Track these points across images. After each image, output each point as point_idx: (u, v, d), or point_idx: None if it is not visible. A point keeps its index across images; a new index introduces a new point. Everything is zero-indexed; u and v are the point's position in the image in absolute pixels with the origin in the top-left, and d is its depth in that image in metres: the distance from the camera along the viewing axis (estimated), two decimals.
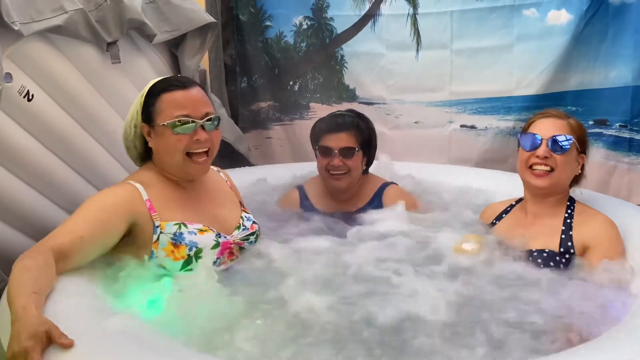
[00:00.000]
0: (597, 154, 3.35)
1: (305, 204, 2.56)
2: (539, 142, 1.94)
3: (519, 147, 2.03)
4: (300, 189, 2.62)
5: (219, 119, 1.83)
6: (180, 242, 1.72)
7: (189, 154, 1.77)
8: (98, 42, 2.33)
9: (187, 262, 1.73)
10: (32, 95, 2.06)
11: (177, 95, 1.76)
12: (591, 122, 3.35)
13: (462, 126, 3.59)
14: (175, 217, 1.76)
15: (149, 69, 2.77)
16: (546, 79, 3.34)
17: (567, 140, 1.92)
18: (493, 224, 2.20)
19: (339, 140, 2.40)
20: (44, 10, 2.03)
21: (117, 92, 2.48)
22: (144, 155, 1.88)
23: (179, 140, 1.74)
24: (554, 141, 1.92)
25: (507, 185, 2.57)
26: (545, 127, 1.96)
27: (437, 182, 2.92)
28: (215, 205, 1.94)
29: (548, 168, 1.93)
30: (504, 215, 2.20)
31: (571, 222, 1.95)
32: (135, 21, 2.41)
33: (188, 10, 2.78)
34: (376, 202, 2.52)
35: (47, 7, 2.05)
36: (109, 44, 2.38)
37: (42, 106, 2.12)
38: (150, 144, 1.80)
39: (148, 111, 1.77)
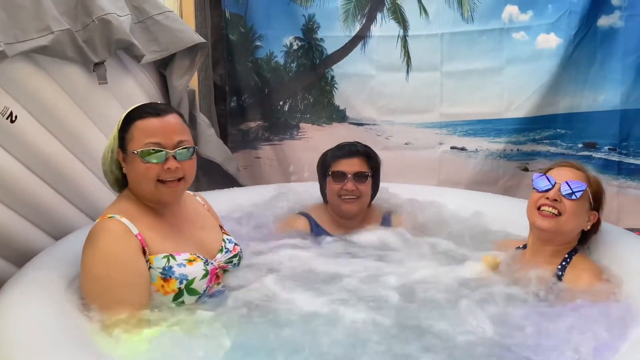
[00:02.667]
0: None
1: (316, 231, 2.55)
2: (552, 184, 1.91)
3: (533, 188, 1.99)
4: (307, 216, 2.60)
5: (194, 148, 1.79)
6: (170, 276, 1.69)
7: (160, 181, 1.73)
8: (85, 63, 2.30)
9: (178, 295, 1.70)
10: (16, 117, 2.01)
11: (150, 122, 1.73)
12: (580, 145, 3.37)
13: (452, 148, 3.58)
14: (162, 249, 1.72)
15: (136, 89, 2.74)
16: (536, 102, 3.35)
17: (580, 186, 1.89)
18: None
19: (353, 165, 2.47)
20: (29, 31, 1.99)
21: (104, 113, 2.44)
22: (122, 181, 1.84)
23: (148, 169, 1.70)
24: (567, 186, 1.89)
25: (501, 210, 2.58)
26: (562, 173, 1.94)
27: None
28: (197, 229, 1.91)
29: (556, 211, 1.89)
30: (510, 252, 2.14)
31: (561, 276, 1.90)
32: (123, 41, 2.38)
33: (177, 30, 2.75)
34: (386, 225, 2.58)
35: (32, 27, 2.01)
36: (96, 65, 2.34)
37: (26, 127, 2.07)
38: (124, 170, 1.77)
39: (123, 137, 1.75)
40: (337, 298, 1.75)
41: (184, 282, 1.70)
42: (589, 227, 1.97)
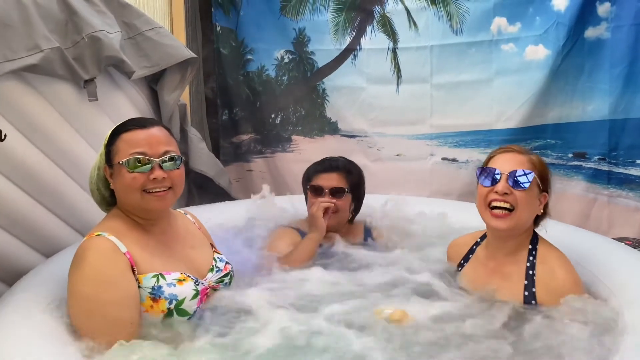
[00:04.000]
0: (577, 186, 3.39)
1: None
2: (498, 177, 1.83)
3: (478, 182, 1.92)
4: (298, 230, 2.59)
5: (181, 158, 1.79)
6: (160, 296, 1.66)
7: (146, 191, 1.72)
8: (75, 80, 2.30)
9: (168, 315, 1.67)
10: (5, 135, 2.01)
11: (135, 134, 1.73)
12: (570, 155, 3.39)
13: (443, 159, 3.60)
14: (151, 268, 1.70)
15: (127, 105, 2.75)
16: (525, 113, 3.37)
17: (527, 174, 1.81)
18: (460, 264, 2.10)
19: (331, 180, 2.48)
20: (18, 50, 2.00)
21: (95, 130, 2.44)
22: (109, 199, 1.83)
23: (134, 179, 1.69)
24: (514, 176, 1.81)
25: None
26: (506, 162, 1.85)
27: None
28: (187, 247, 1.89)
29: (508, 206, 1.81)
30: (470, 255, 2.09)
31: (533, 276, 1.85)
32: (113, 58, 2.39)
33: (167, 45, 2.75)
34: (369, 240, 2.60)
35: (21, 46, 2.01)
36: (86, 82, 2.34)
37: (16, 146, 2.07)
38: (112, 186, 1.76)
39: (109, 151, 1.75)
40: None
41: (174, 302, 1.67)
42: (542, 211, 1.90)
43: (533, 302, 1.82)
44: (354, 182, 2.53)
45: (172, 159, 1.75)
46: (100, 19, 2.39)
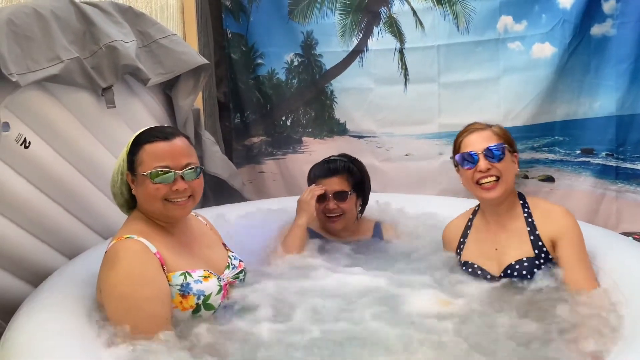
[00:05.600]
0: (585, 182, 3.41)
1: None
2: (476, 157, 2.04)
3: (456, 167, 2.16)
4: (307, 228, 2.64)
5: (201, 168, 1.87)
6: (189, 293, 1.75)
7: (168, 200, 1.80)
8: (93, 88, 2.39)
9: (196, 311, 1.76)
10: (29, 143, 2.10)
11: (159, 146, 1.79)
12: (578, 152, 3.42)
13: (452, 158, 3.62)
14: (178, 266, 1.78)
15: (143, 111, 2.83)
16: (533, 111, 3.40)
17: (499, 146, 2.04)
18: (461, 242, 2.25)
19: (332, 184, 2.52)
20: (40, 60, 2.09)
21: (113, 136, 2.53)
22: (130, 202, 1.91)
23: (158, 190, 1.77)
24: (490, 152, 2.03)
25: None
26: (476, 142, 2.07)
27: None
28: (204, 247, 1.98)
29: (494, 178, 2.03)
30: (468, 231, 2.25)
31: (533, 222, 2.07)
32: (129, 66, 2.47)
33: (180, 52, 2.83)
34: (377, 237, 2.65)
35: (43, 57, 2.10)
36: (104, 89, 2.43)
37: (39, 153, 2.17)
38: (134, 191, 1.84)
39: (132, 160, 1.82)
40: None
41: (202, 297, 1.76)
42: (518, 169, 2.13)
43: (540, 243, 2.02)
44: (356, 181, 2.57)
45: (193, 169, 1.82)
46: (116, 28, 2.47)
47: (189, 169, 1.81)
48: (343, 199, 2.51)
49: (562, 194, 3.45)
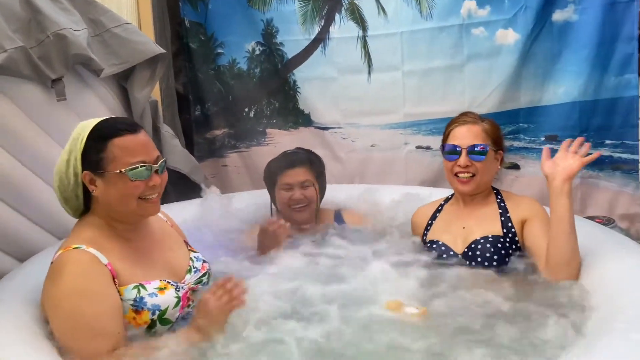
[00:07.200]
0: None
1: None
2: (459, 152, 2.10)
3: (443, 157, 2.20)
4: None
5: (165, 160, 1.76)
6: (142, 308, 1.62)
7: (142, 198, 1.68)
8: (42, 80, 2.26)
9: (151, 327, 1.63)
10: None
11: (129, 140, 1.65)
12: (543, 138, 3.43)
13: (417, 147, 3.60)
14: (132, 278, 1.65)
15: (97, 103, 2.71)
16: (498, 98, 3.39)
17: (483, 148, 2.09)
18: (429, 224, 2.29)
19: (297, 175, 2.55)
20: None
21: (65, 130, 2.35)
22: (83, 206, 1.74)
23: (136, 187, 1.65)
24: (472, 150, 2.09)
25: None
26: (463, 136, 2.12)
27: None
28: (165, 250, 1.84)
29: (470, 174, 2.11)
30: (437, 214, 2.30)
31: (505, 206, 2.15)
32: (80, 56, 2.34)
33: (135, 42, 2.71)
34: (341, 224, 2.66)
35: None
36: (53, 81, 2.30)
37: None
38: (95, 193, 1.67)
39: (97, 158, 1.64)
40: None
41: (157, 312, 1.63)
42: (499, 168, 2.20)
43: (510, 224, 2.09)
44: (318, 171, 2.64)
45: (164, 162, 1.72)
46: (65, 16, 2.34)
47: (162, 162, 1.71)
48: (309, 188, 2.56)
49: (528, 180, 3.46)
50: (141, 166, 1.65)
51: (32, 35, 2.20)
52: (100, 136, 1.66)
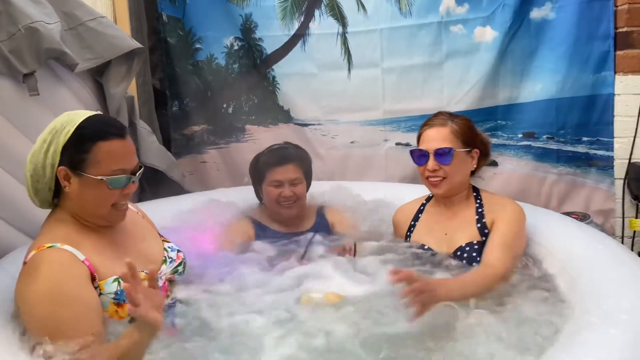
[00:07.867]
0: (526, 166, 3.46)
1: (262, 234, 2.57)
2: (426, 156, 2.11)
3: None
4: (252, 219, 2.63)
5: (143, 168, 1.72)
6: (124, 300, 1.57)
7: (114, 206, 1.65)
8: (12, 74, 2.20)
9: (133, 319, 1.56)
10: None
11: (116, 145, 1.61)
12: (520, 135, 3.45)
13: (397, 144, 3.60)
14: (111, 271, 1.61)
15: (72, 99, 2.64)
16: (476, 95, 3.40)
17: (448, 152, 2.09)
18: (412, 225, 2.29)
19: (287, 172, 2.53)
20: None
21: (38, 126, 2.30)
22: (53, 199, 1.70)
23: (112, 195, 1.62)
24: (438, 155, 2.09)
25: None
26: (431, 140, 2.12)
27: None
28: (139, 241, 1.81)
29: (440, 178, 2.11)
30: (420, 215, 2.30)
31: (482, 211, 2.14)
32: (53, 50, 2.29)
33: (111, 36, 2.66)
34: (322, 221, 2.67)
35: None
36: (25, 76, 2.24)
37: None
38: (67, 190, 1.62)
39: (76, 156, 1.60)
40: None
41: None
42: (475, 166, 2.18)
43: (486, 230, 2.08)
44: (307, 167, 2.62)
45: (141, 170, 1.69)
46: (37, 9, 2.28)
47: (140, 171, 1.68)
48: (299, 185, 2.55)
49: (505, 177, 3.48)
50: (122, 175, 1.62)
51: (2, 29, 2.14)
52: (87, 135, 1.61)
